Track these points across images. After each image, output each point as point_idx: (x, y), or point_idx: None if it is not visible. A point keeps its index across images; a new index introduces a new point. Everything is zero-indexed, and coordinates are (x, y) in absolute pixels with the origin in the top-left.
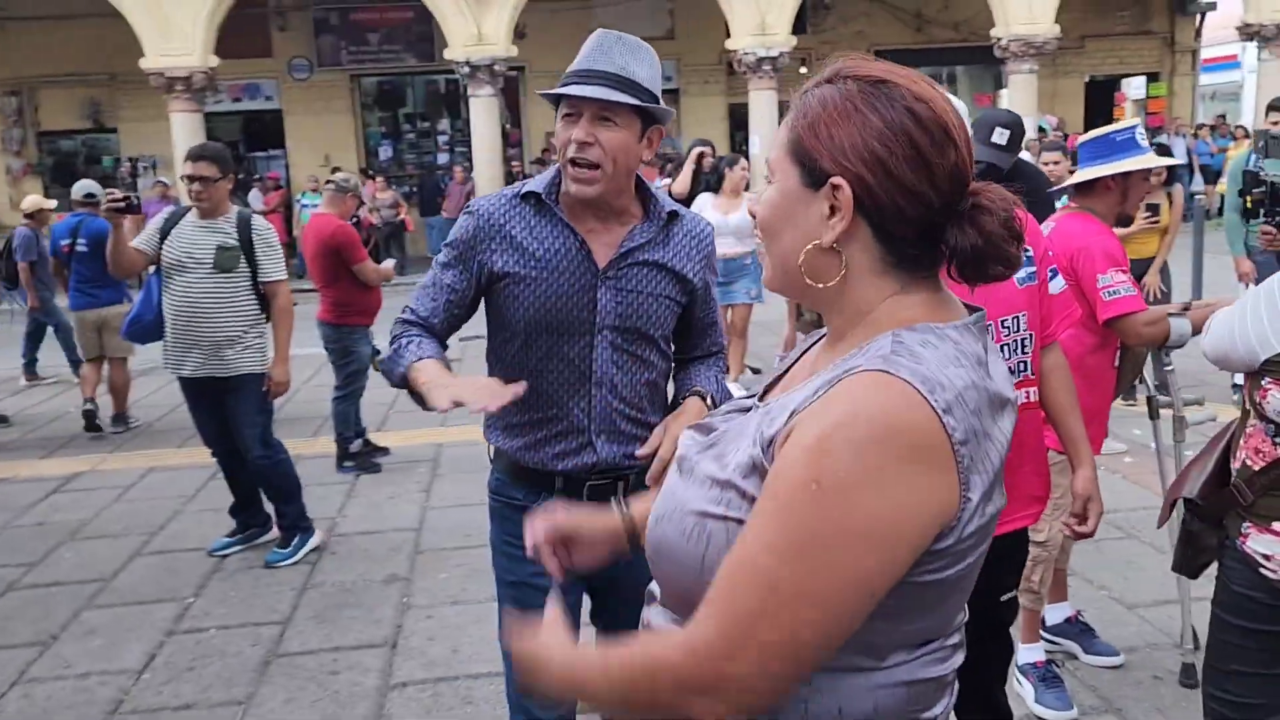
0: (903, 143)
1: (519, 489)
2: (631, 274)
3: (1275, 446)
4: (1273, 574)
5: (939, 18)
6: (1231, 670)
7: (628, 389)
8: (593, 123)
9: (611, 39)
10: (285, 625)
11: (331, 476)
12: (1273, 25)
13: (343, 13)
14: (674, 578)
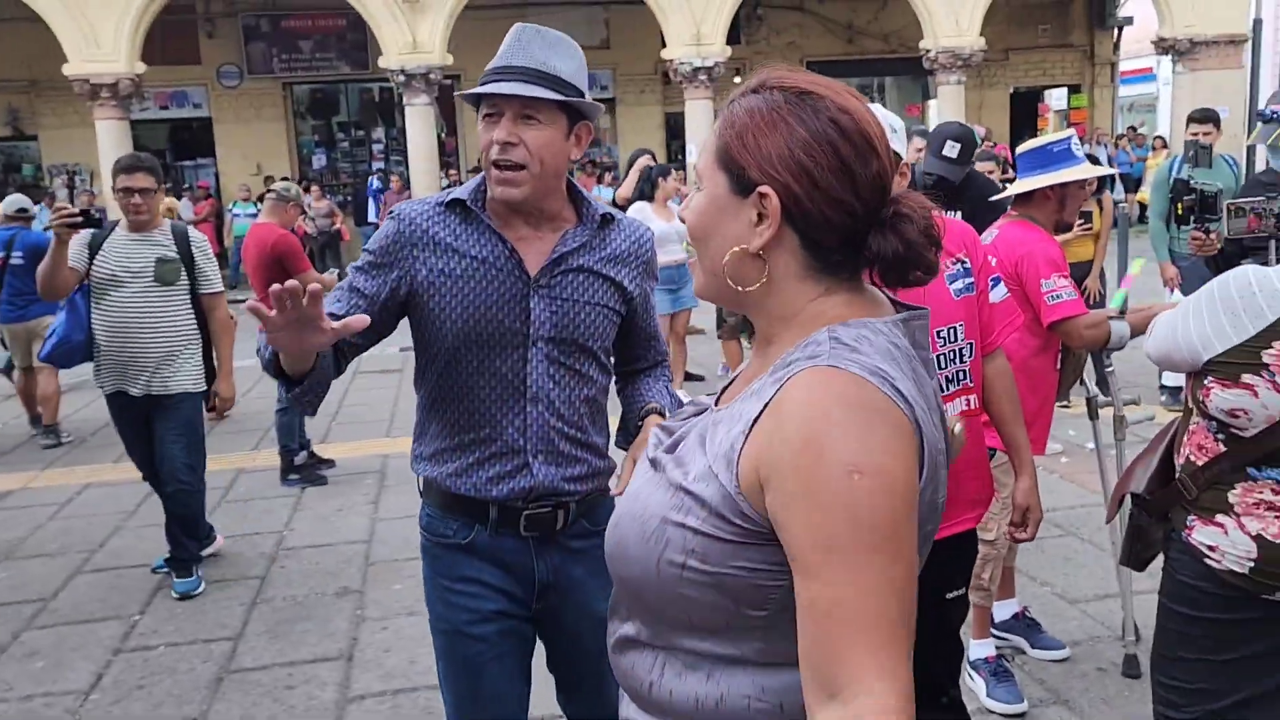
0: (827, 153)
1: (451, 522)
2: (566, 281)
3: (1217, 442)
4: (1217, 564)
5: (869, 29)
6: (1179, 657)
7: (566, 406)
8: (515, 122)
9: (530, 33)
10: (237, 641)
11: (276, 490)
12: (1186, 40)
13: (273, 20)
14: (629, 577)
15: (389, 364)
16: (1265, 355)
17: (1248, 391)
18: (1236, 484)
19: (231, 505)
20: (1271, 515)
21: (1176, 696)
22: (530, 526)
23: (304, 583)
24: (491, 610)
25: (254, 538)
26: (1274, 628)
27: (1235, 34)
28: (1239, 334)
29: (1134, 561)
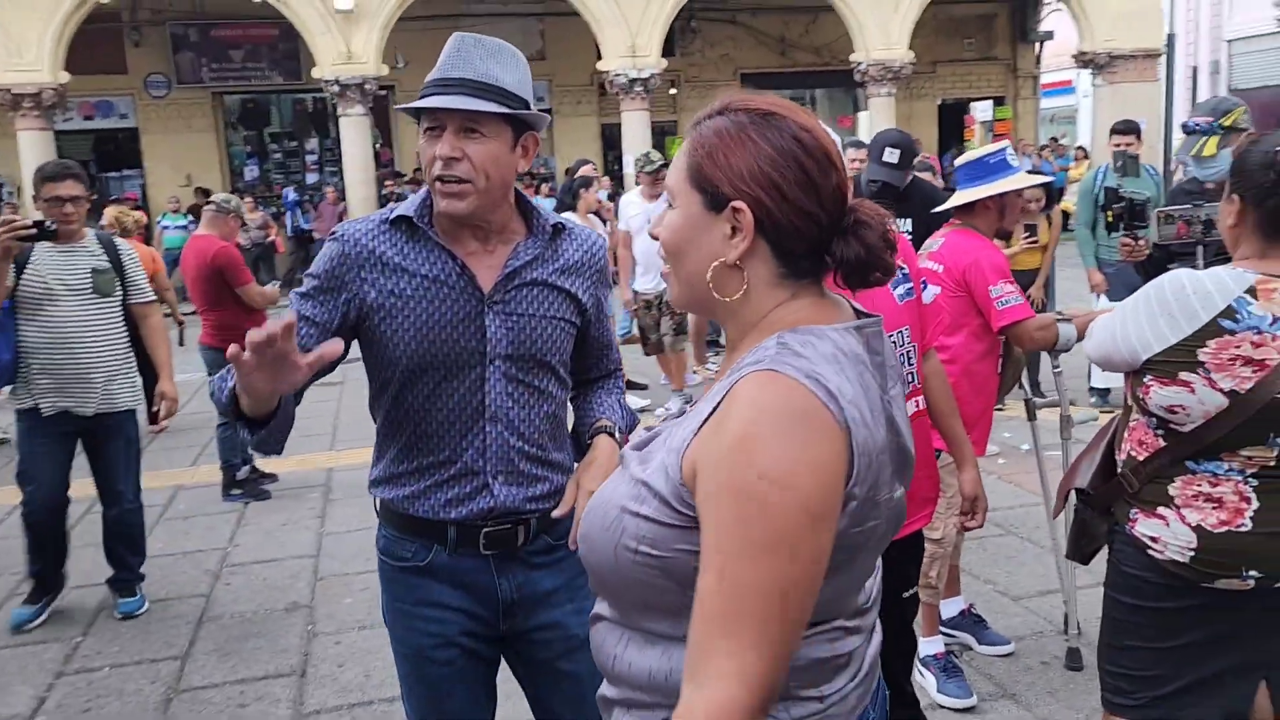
0: (793, 168)
1: (408, 545)
2: (520, 296)
3: (1157, 438)
4: (1160, 554)
5: (801, 42)
6: (1125, 646)
7: (526, 424)
8: (458, 136)
9: (470, 42)
10: (184, 660)
11: (218, 506)
12: (1105, 54)
13: (202, 29)
14: (595, 564)
15: (330, 377)
16: (1200, 353)
17: (1185, 388)
18: (1176, 477)
19: (171, 523)
20: (1209, 506)
21: (1124, 684)
22: (490, 545)
23: (252, 599)
24: (455, 633)
25: (197, 555)
26: (1214, 615)
27: (1151, 48)
28: (1175, 334)
29: (1079, 555)
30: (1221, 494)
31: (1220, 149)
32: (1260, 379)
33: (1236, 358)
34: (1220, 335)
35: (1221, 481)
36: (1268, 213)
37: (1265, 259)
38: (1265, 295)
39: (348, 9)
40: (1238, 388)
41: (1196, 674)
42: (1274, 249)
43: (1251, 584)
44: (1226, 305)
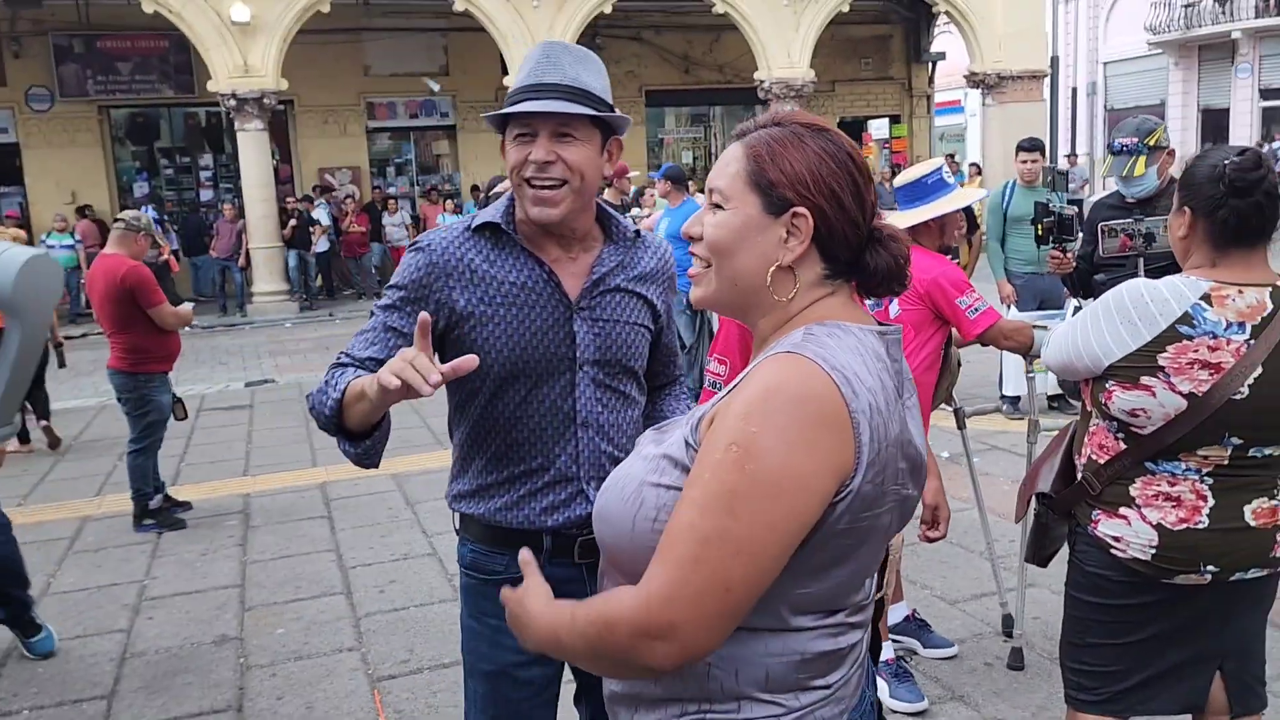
0: (847, 178)
1: (499, 558)
2: (605, 302)
3: (1118, 441)
4: (1122, 553)
5: (705, 60)
6: (1088, 643)
7: (614, 429)
8: (552, 140)
9: (559, 49)
10: (110, 699)
11: (130, 537)
12: (994, 74)
13: (87, 40)
14: (610, 538)
15: (237, 400)
16: (1160, 358)
17: (1146, 392)
18: (1136, 478)
19: (81, 556)
20: (1169, 505)
21: (1087, 680)
22: (584, 553)
23: (176, 633)
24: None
25: (112, 589)
26: (1173, 608)
27: (1036, 69)
28: (1136, 340)
29: (1038, 558)
30: (1180, 493)
31: (1148, 167)
32: (1216, 382)
33: (1194, 361)
34: (1179, 340)
35: (1179, 481)
36: (1217, 223)
37: (1216, 268)
38: (1219, 302)
39: (245, 21)
40: (1196, 390)
41: (1156, 667)
42: (1224, 258)
43: (1208, 578)
44: (1184, 312)
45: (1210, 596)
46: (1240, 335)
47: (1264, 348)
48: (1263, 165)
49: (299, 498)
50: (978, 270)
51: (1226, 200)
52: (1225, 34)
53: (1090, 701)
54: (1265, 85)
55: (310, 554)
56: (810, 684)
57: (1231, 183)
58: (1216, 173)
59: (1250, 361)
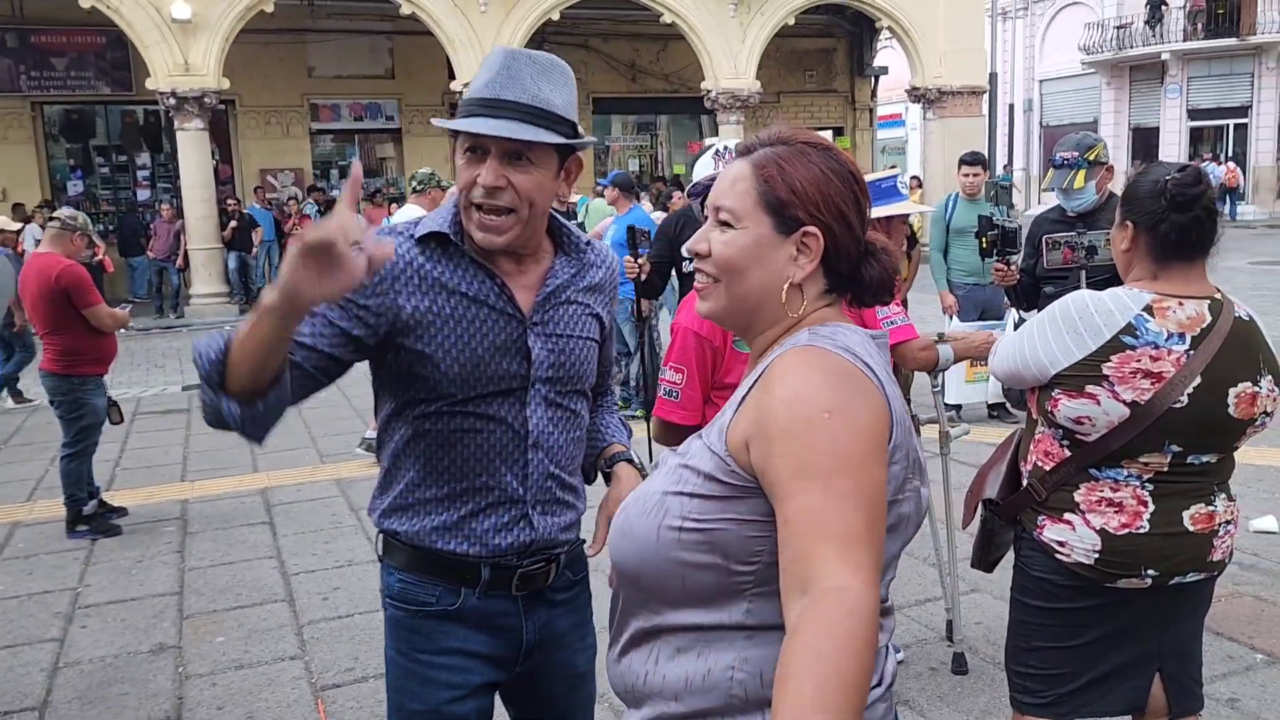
0: (851, 199)
1: (430, 589)
2: (558, 316)
3: (1063, 448)
4: (1067, 557)
5: (651, 69)
6: (1034, 647)
7: (561, 450)
8: (502, 163)
9: (522, 60)
10: (43, 710)
11: (62, 544)
12: (935, 89)
13: (21, 34)
14: (632, 553)
15: (173, 404)
16: (1104, 367)
17: (1091, 400)
18: (1081, 484)
19: (11, 563)
20: (1111, 511)
21: (1032, 683)
22: (522, 585)
23: (111, 641)
24: (477, 683)
25: (44, 597)
26: (1117, 611)
27: (976, 85)
28: (1081, 350)
29: (984, 564)
30: (1122, 499)
31: (1087, 181)
32: (1157, 390)
33: (1137, 371)
34: (1122, 350)
35: (1122, 487)
36: (1159, 237)
37: (1158, 280)
38: (1160, 313)
39: (185, 19)
40: (1138, 399)
41: (1099, 669)
42: (1165, 271)
43: (1149, 582)
44: (1127, 322)
45: (1151, 600)
46: (1180, 345)
47: (1202, 358)
48: (1202, 181)
49: (239, 503)
50: (919, 282)
51: (1168, 215)
52: (1155, 55)
53: (1035, 705)
54: (1193, 106)
55: (251, 561)
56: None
57: (1173, 198)
58: (1158, 188)
59: (1190, 371)
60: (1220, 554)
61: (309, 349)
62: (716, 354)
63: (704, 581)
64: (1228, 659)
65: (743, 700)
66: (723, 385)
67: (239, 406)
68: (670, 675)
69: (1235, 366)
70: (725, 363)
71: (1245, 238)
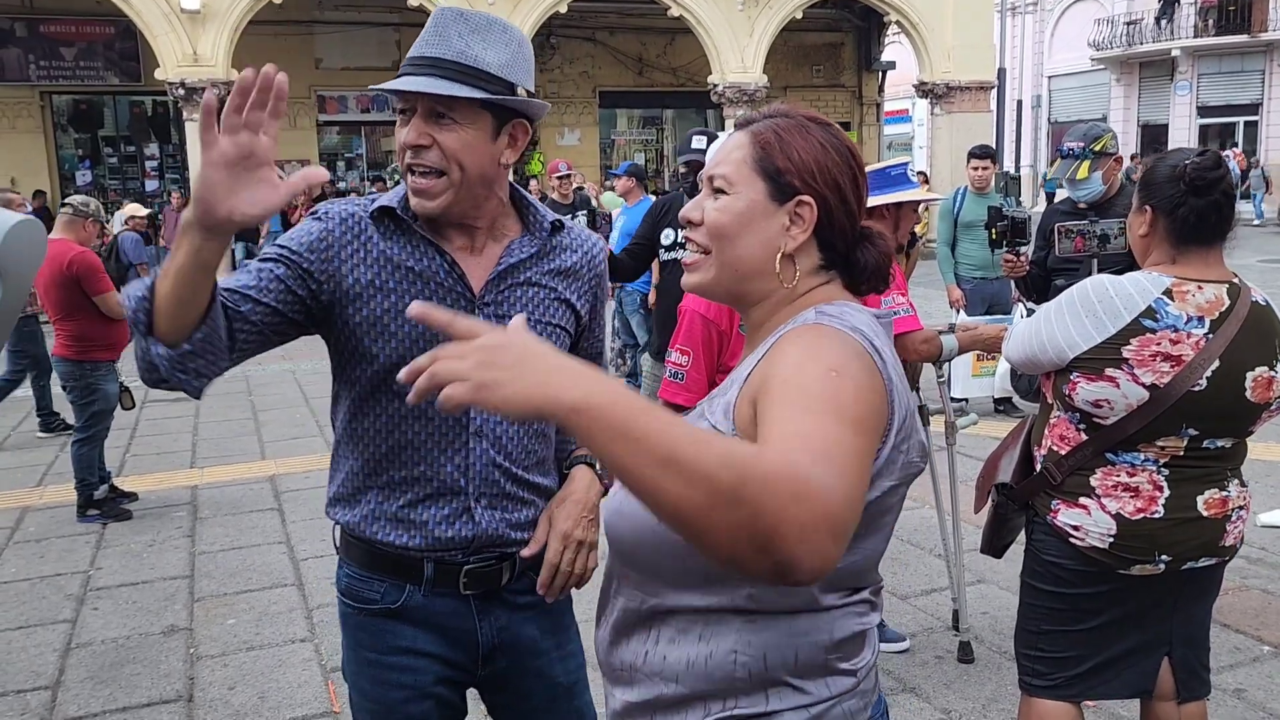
0: (848, 174)
1: (375, 585)
2: (513, 298)
3: (1079, 432)
4: (1081, 542)
5: (658, 63)
6: (1044, 631)
7: (513, 441)
8: (427, 121)
9: (450, 16)
10: (55, 689)
11: (73, 528)
12: (943, 85)
13: (30, 24)
14: (629, 533)
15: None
16: (1124, 350)
17: (1110, 383)
18: (1097, 469)
19: (23, 546)
20: (1127, 495)
21: (1041, 666)
22: (471, 584)
23: (124, 623)
24: (430, 683)
25: (56, 579)
26: (1127, 596)
27: (984, 80)
28: (1100, 333)
29: (994, 549)
30: (1138, 483)
31: (1091, 172)
32: (1177, 374)
33: (1157, 354)
34: (1142, 333)
35: (1138, 472)
36: (1177, 221)
37: (1176, 264)
38: (1180, 297)
39: (194, 9)
40: (1158, 382)
41: (1108, 653)
42: (1183, 255)
43: (1162, 568)
44: (1147, 306)
45: (1162, 585)
46: (1200, 329)
47: (1221, 342)
48: (1221, 166)
49: (248, 490)
50: (924, 277)
51: (1186, 198)
52: (1165, 52)
53: (1044, 687)
54: (1203, 103)
55: (260, 546)
56: (838, 667)
57: (1192, 181)
58: (1177, 172)
59: (1209, 355)
60: (1232, 539)
61: (254, 300)
62: (723, 337)
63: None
64: (1235, 650)
65: (746, 682)
66: (728, 368)
67: (165, 349)
68: (671, 657)
69: (1252, 350)
70: (731, 346)
71: (1255, 235)
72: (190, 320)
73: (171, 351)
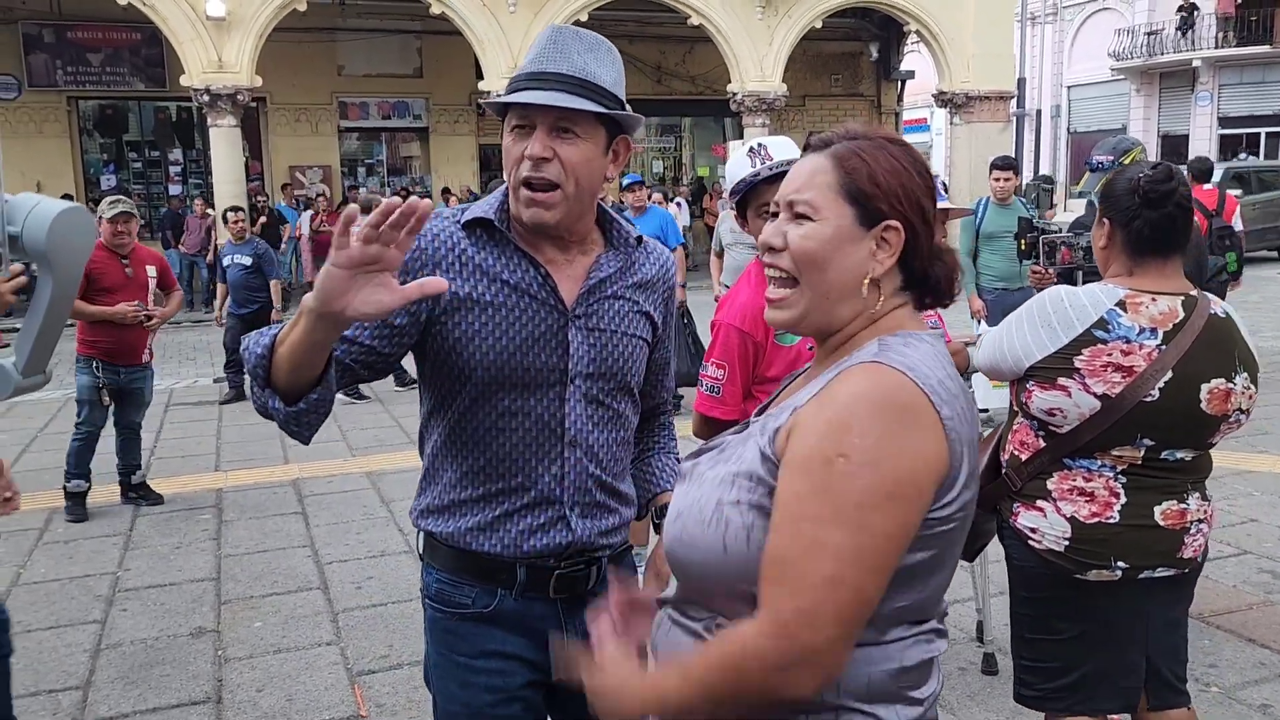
0: (928, 195)
1: (467, 590)
2: (602, 310)
3: (1038, 438)
4: (1038, 544)
5: (678, 71)
6: (1025, 638)
7: (604, 450)
8: (549, 135)
9: (568, 35)
10: (86, 689)
11: (101, 529)
12: (962, 94)
13: (58, 30)
14: (695, 565)
15: (206, 395)
16: (1076, 360)
17: (1062, 392)
18: (1054, 473)
19: (51, 547)
20: (1083, 500)
21: (1027, 675)
22: (560, 588)
23: (152, 624)
24: (518, 685)
25: (85, 580)
26: (1092, 606)
27: (1004, 90)
28: (1054, 343)
29: (966, 552)
30: (1094, 489)
31: None
32: (1128, 384)
33: (1108, 364)
34: (1094, 344)
35: (1095, 477)
36: (1133, 233)
37: (1133, 276)
38: (1134, 308)
39: (220, 16)
40: (1109, 392)
41: (1086, 667)
42: (1140, 267)
43: (1119, 575)
44: (1099, 317)
45: (1125, 594)
46: (1152, 340)
47: (1174, 353)
48: (1174, 179)
49: (272, 493)
50: None
51: (1141, 211)
52: (1186, 62)
53: (1031, 696)
54: (1224, 113)
55: (285, 549)
56: (908, 694)
57: (1145, 194)
58: (1132, 185)
59: (1161, 366)
60: (1191, 551)
61: (349, 341)
62: (758, 349)
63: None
64: (1259, 665)
65: (818, 703)
66: (763, 379)
67: (281, 402)
68: None
69: (1208, 362)
70: (766, 357)
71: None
72: (305, 382)
73: (288, 409)
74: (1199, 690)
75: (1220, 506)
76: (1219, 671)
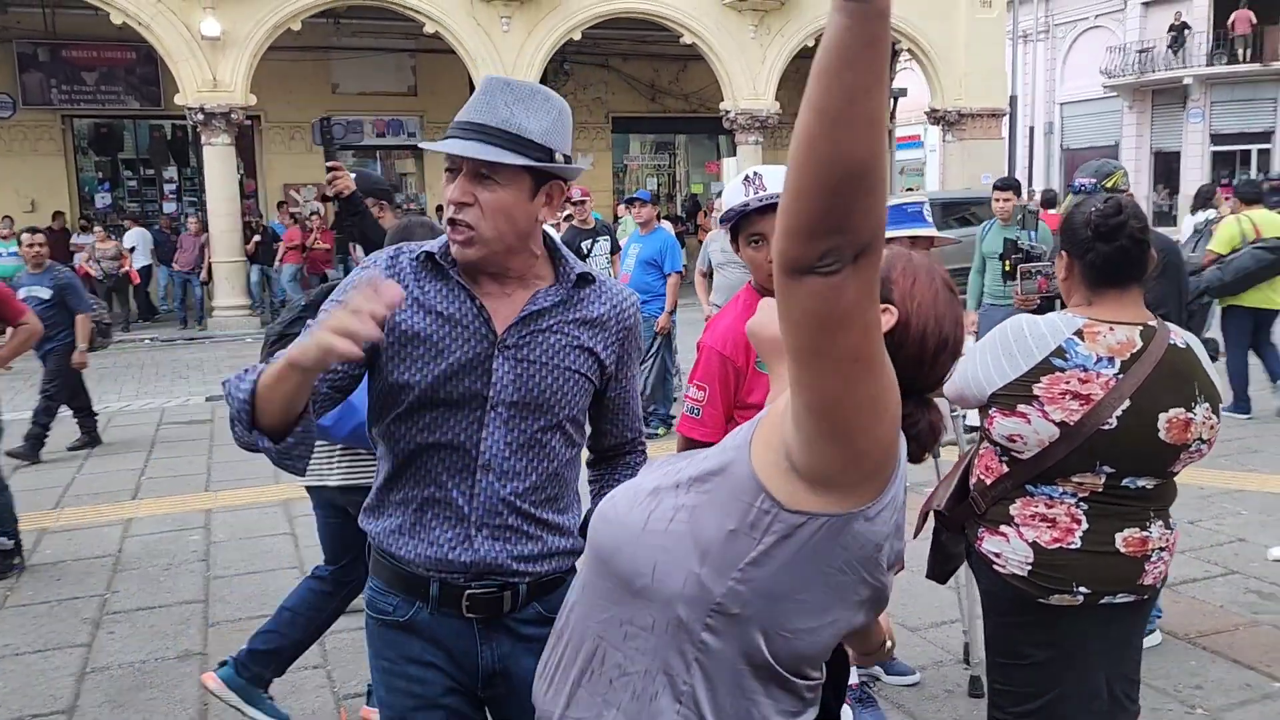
0: (937, 332)
1: (391, 599)
2: (535, 342)
3: (1002, 464)
4: (1002, 569)
5: (671, 89)
6: (996, 661)
7: (523, 478)
8: (471, 180)
9: (497, 85)
10: (71, 714)
11: (90, 550)
12: (955, 112)
13: (52, 49)
14: (608, 538)
15: (197, 415)
16: (1035, 388)
17: (1022, 419)
18: (1016, 499)
19: (40, 569)
20: (1044, 525)
21: (1000, 699)
22: (473, 608)
23: (139, 647)
24: (438, 693)
25: (73, 602)
26: (1056, 631)
27: (996, 107)
28: (1014, 371)
29: (937, 574)
30: (1055, 515)
31: None
32: (1086, 412)
33: (1066, 392)
34: (1052, 372)
35: (1056, 503)
36: (1089, 266)
37: (1092, 306)
38: (1091, 337)
39: (214, 36)
40: (1067, 419)
41: (1051, 693)
42: (1099, 297)
43: (1080, 599)
44: (1057, 345)
45: (1088, 620)
46: (1110, 369)
47: (1132, 382)
48: (1124, 213)
49: (262, 514)
50: None
51: (1094, 244)
52: (1178, 80)
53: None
54: (1215, 130)
55: (275, 570)
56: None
57: (1096, 229)
58: (1085, 219)
59: (1118, 394)
60: (1151, 579)
61: (326, 370)
62: (739, 374)
63: (672, 578)
64: (1245, 687)
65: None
66: (745, 405)
67: (270, 443)
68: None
69: (1167, 392)
70: (747, 383)
71: None
72: (292, 417)
73: (276, 445)
74: (1184, 712)
75: (1208, 526)
76: (1205, 693)
